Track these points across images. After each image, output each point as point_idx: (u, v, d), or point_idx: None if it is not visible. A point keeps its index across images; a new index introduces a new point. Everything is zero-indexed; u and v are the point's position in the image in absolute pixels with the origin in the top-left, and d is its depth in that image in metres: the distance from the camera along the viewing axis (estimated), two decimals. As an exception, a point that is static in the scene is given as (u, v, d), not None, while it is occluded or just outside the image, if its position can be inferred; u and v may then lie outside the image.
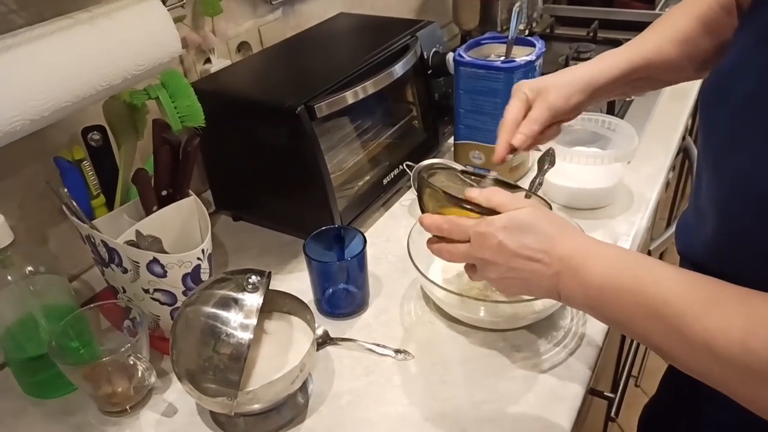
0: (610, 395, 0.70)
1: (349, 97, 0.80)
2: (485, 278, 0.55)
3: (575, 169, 0.84)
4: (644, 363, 1.32)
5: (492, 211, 0.54)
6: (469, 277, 0.58)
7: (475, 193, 0.56)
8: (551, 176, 0.85)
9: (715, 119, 0.50)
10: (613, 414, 0.69)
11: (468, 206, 0.56)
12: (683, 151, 1.22)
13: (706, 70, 0.57)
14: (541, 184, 0.78)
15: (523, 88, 0.65)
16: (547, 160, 0.79)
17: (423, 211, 0.61)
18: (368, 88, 0.82)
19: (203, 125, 0.69)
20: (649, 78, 0.67)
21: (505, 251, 0.51)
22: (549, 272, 0.49)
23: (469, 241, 0.54)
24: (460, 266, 0.76)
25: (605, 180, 0.86)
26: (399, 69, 0.87)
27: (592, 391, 0.68)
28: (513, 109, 0.64)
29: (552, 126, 0.66)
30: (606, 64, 0.66)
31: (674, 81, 0.70)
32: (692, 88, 1.20)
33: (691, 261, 0.56)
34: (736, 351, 0.38)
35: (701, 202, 0.53)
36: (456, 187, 0.66)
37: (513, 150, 0.64)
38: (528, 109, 0.65)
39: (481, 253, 0.53)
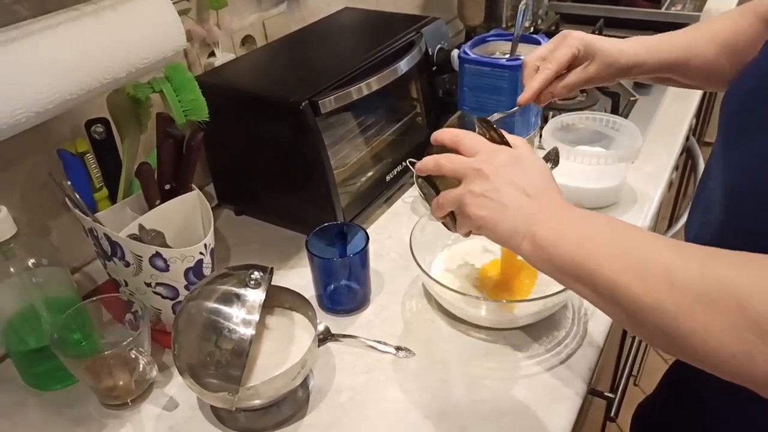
0: (610, 395, 0.70)
1: (354, 93, 0.79)
2: (463, 192, 0.51)
3: (579, 169, 0.84)
4: (643, 361, 1.32)
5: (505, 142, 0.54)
6: (436, 200, 0.55)
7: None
8: (555, 175, 0.84)
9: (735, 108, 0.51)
10: (612, 414, 0.69)
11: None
12: (686, 151, 1.22)
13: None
14: (544, 183, 0.78)
15: (575, 43, 0.63)
16: (551, 160, 0.79)
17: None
18: (373, 84, 0.82)
19: (207, 119, 0.69)
20: (678, 81, 0.68)
21: (504, 174, 0.50)
22: (530, 209, 0.48)
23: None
24: (462, 263, 0.76)
25: (609, 179, 0.86)
26: (404, 65, 0.87)
27: (592, 391, 0.68)
28: (563, 57, 0.62)
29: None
30: (650, 56, 0.65)
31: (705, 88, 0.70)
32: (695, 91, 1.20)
33: None
34: (694, 275, 0.38)
35: (710, 192, 0.54)
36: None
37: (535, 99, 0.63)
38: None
39: (480, 165, 0.51)
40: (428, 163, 0.54)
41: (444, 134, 0.55)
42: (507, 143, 0.54)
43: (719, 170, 0.53)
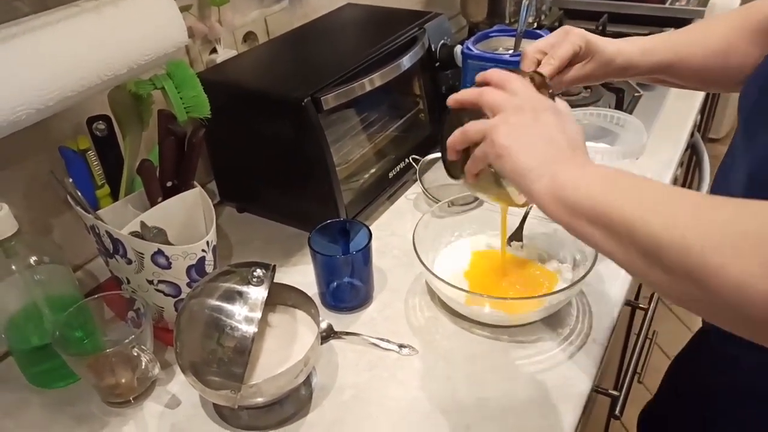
0: (615, 393, 0.70)
1: (356, 89, 0.79)
2: (497, 122, 0.50)
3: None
4: (648, 359, 1.31)
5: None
6: (461, 129, 0.53)
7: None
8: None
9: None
10: (617, 412, 0.69)
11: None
12: (691, 147, 1.21)
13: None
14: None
15: (577, 40, 0.62)
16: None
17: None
18: (375, 80, 0.81)
19: (209, 116, 0.69)
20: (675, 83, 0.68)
21: (542, 118, 0.50)
22: (557, 153, 0.48)
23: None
24: (466, 262, 0.76)
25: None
26: (406, 61, 0.86)
27: (596, 389, 0.67)
28: (565, 54, 0.61)
29: None
30: (643, 58, 0.64)
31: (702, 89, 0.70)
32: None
33: None
34: (726, 212, 0.37)
35: (730, 184, 0.55)
36: None
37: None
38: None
39: (522, 103, 0.51)
40: (470, 92, 0.54)
41: (493, 74, 0.54)
42: (552, 99, 0.54)
43: (743, 161, 0.53)
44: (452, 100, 0.56)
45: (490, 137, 0.50)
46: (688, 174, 1.56)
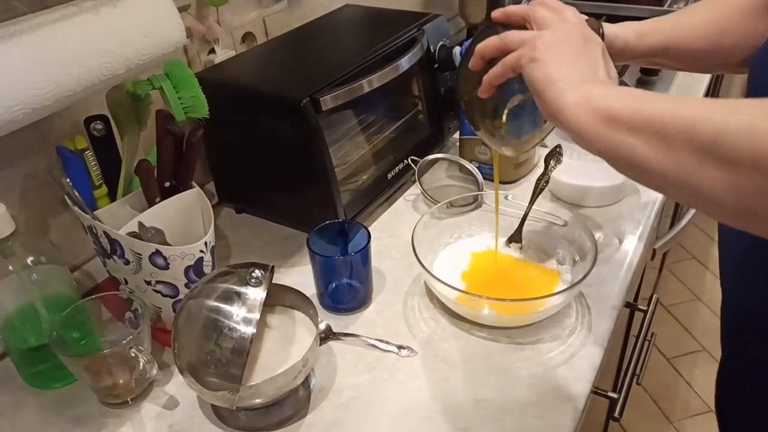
0: (614, 395, 0.70)
1: (355, 90, 0.79)
2: (542, 32, 0.50)
3: (582, 166, 0.84)
4: (646, 361, 1.32)
5: None
6: (501, 36, 0.52)
7: None
8: (558, 173, 0.84)
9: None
10: (616, 414, 0.68)
11: None
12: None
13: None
14: (547, 181, 0.78)
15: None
16: (554, 157, 0.78)
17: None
18: (374, 81, 0.81)
19: (207, 116, 0.69)
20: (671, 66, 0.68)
21: (589, 44, 0.49)
22: (594, 74, 0.47)
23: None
24: (465, 264, 0.75)
25: (613, 178, 0.85)
26: (405, 63, 0.86)
27: (595, 391, 0.67)
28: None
29: None
30: (639, 41, 0.64)
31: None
32: (702, 81, 1.20)
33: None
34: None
35: None
36: None
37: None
38: None
39: (572, 23, 0.50)
40: (519, 7, 0.53)
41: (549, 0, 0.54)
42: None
43: None
44: (499, 12, 0.54)
45: (532, 42, 0.48)
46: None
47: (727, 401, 0.73)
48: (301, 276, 0.77)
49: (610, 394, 0.70)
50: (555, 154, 0.78)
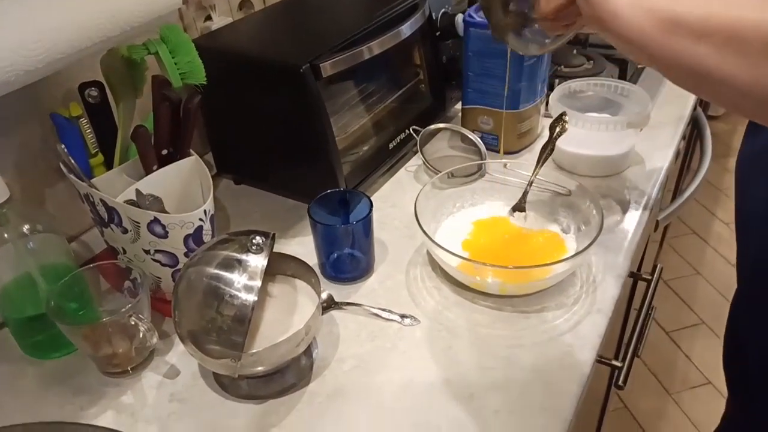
0: (618, 364, 0.69)
1: (355, 56, 0.77)
2: None
3: (587, 136, 0.82)
4: (646, 334, 1.32)
5: None
6: None
7: None
8: (562, 142, 0.82)
9: None
10: (620, 382, 0.68)
11: None
12: (693, 122, 1.20)
13: None
14: (552, 149, 0.76)
15: None
16: (560, 125, 0.77)
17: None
18: (374, 48, 0.79)
19: (204, 82, 0.67)
20: None
21: None
22: None
23: None
24: (467, 233, 0.74)
25: (617, 147, 0.84)
26: (406, 29, 0.84)
27: (599, 360, 0.67)
28: None
29: None
30: None
31: None
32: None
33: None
34: None
35: None
36: None
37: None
38: None
39: None
40: None
41: None
42: None
43: None
44: None
45: None
46: (688, 149, 1.55)
47: (739, 326, 0.82)
48: (301, 246, 0.76)
49: (613, 362, 0.69)
50: (560, 122, 0.76)
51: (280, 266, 0.64)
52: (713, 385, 1.63)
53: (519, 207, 0.76)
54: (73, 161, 0.62)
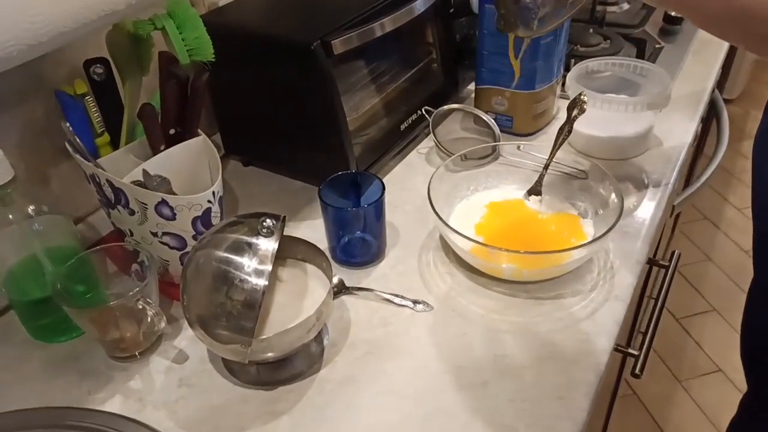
0: (635, 352, 0.68)
1: (367, 33, 0.75)
2: None
3: (603, 117, 0.80)
4: (659, 321, 1.30)
5: None
6: None
7: None
8: (577, 124, 0.80)
9: None
10: (638, 371, 0.67)
11: None
12: (710, 105, 1.17)
13: None
14: (570, 131, 0.74)
15: None
16: (578, 106, 0.74)
17: None
18: (386, 24, 0.77)
19: (213, 59, 0.65)
20: None
21: None
22: None
23: None
24: (481, 217, 0.73)
25: (635, 128, 0.82)
26: (420, 5, 0.81)
27: (616, 348, 0.65)
28: None
29: None
30: None
31: None
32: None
33: None
34: None
35: None
36: None
37: None
38: None
39: None
40: None
41: None
42: None
43: None
44: None
45: None
46: (705, 132, 1.52)
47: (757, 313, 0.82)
48: (311, 230, 0.74)
49: (630, 350, 0.68)
50: (579, 103, 0.74)
51: (290, 250, 0.62)
52: (723, 373, 1.62)
53: (534, 190, 0.74)
54: (78, 140, 0.60)
